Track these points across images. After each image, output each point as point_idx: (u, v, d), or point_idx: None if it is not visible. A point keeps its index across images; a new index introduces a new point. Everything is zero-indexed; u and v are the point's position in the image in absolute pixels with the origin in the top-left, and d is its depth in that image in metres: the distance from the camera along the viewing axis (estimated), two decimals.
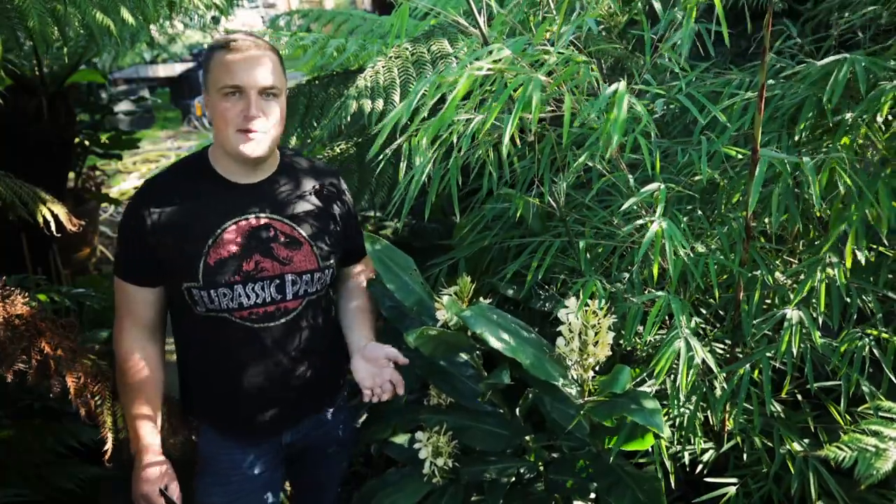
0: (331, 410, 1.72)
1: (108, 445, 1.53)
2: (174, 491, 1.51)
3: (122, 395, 1.52)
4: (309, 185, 1.59)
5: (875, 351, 1.35)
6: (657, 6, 1.29)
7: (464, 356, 1.61)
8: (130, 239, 1.48)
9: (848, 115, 1.35)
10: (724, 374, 1.43)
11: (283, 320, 1.53)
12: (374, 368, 1.52)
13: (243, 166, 1.50)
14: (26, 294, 1.55)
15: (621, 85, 1.12)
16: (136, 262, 1.49)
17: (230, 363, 1.53)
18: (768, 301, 1.55)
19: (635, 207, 1.40)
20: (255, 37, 1.46)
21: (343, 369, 1.73)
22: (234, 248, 1.47)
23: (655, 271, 1.29)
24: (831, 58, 1.32)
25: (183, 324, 1.56)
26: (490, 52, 1.14)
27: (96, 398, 1.56)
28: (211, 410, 1.60)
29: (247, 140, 1.42)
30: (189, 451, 1.65)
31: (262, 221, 1.50)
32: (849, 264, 1.29)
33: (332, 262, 1.58)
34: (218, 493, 1.60)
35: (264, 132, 1.44)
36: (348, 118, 1.99)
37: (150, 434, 1.50)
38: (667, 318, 1.36)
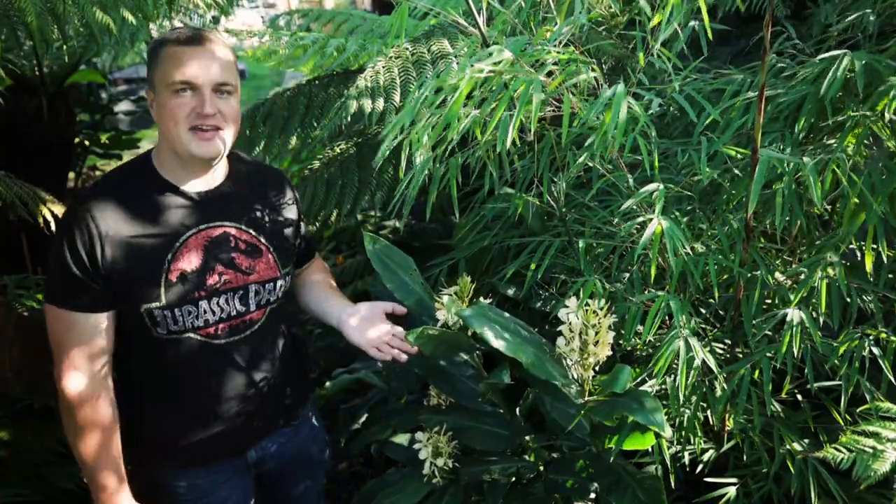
0: (297, 423, 1.63)
1: None
2: None
3: (77, 439, 1.36)
4: (261, 189, 1.51)
5: (875, 351, 1.35)
6: (646, 8, 1.28)
7: (464, 356, 1.61)
8: (75, 263, 1.30)
9: (852, 113, 1.35)
10: (725, 375, 1.43)
11: (247, 333, 1.45)
12: (372, 326, 1.49)
13: (194, 170, 1.38)
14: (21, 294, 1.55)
15: (619, 87, 1.11)
16: (83, 288, 1.31)
17: (195, 384, 1.43)
18: (768, 301, 1.55)
19: (635, 207, 1.40)
20: (207, 31, 1.36)
21: (307, 377, 1.70)
22: (195, 262, 1.37)
23: (654, 270, 1.29)
24: (831, 53, 1.32)
25: (134, 348, 1.41)
26: (490, 55, 1.14)
27: None
28: (171, 438, 1.45)
29: (200, 139, 1.32)
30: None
31: (221, 231, 1.40)
32: (869, 265, 1.29)
33: (290, 267, 1.53)
34: None
35: (220, 131, 1.34)
36: (348, 118, 1.98)
37: (117, 484, 1.38)
38: (667, 318, 1.36)
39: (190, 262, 1.36)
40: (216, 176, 1.43)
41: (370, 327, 1.50)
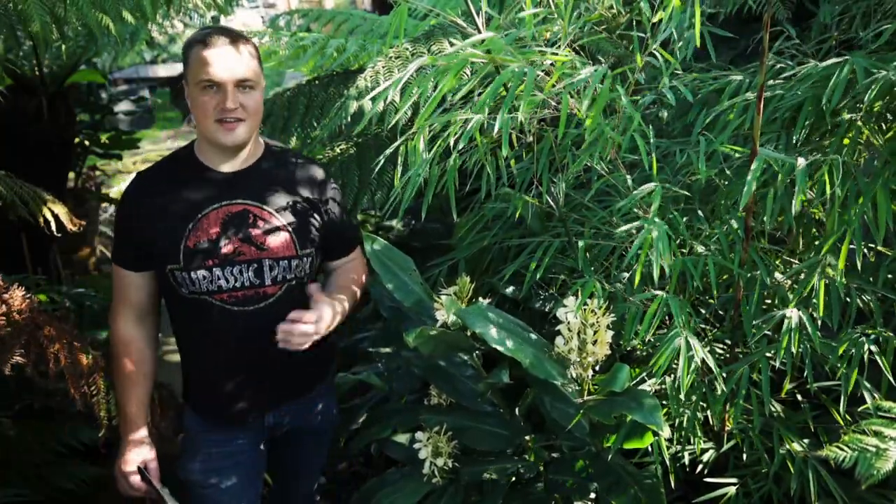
0: (313, 395, 1.74)
1: (102, 435, 1.54)
2: (153, 470, 1.57)
3: (114, 376, 1.58)
4: (291, 174, 1.62)
5: (874, 350, 1.35)
6: (645, 9, 1.28)
7: (463, 356, 1.61)
8: (122, 226, 1.56)
9: (847, 116, 1.35)
10: (724, 374, 1.43)
11: (262, 304, 1.56)
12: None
13: (224, 155, 1.55)
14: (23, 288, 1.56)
15: (601, 67, 1.12)
16: (127, 248, 1.56)
17: (211, 345, 1.58)
18: (768, 301, 1.55)
19: (634, 209, 1.40)
20: (232, 30, 1.51)
21: (326, 354, 1.75)
22: (212, 232, 1.52)
23: (639, 275, 1.29)
24: (832, 60, 1.32)
25: (172, 307, 1.61)
26: (482, 41, 1.14)
27: (93, 388, 1.59)
28: (195, 390, 1.65)
29: (225, 130, 1.49)
30: (176, 432, 1.70)
31: (241, 207, 1.54)
32: (841, 266, 1.29)
33: (311, 250, 1.61)
34: (200, 469, 1.63)
35: (242, 122, 1.49)
36: (348, 118, 1.99)
37: (136, 414, 1.57)
38: (667, 318, 1.36)
39: (207, 232, 1.52)
40: (245, 159, 1.58)
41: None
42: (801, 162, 1.21)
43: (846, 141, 1.34)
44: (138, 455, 1.57)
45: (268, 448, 1.74)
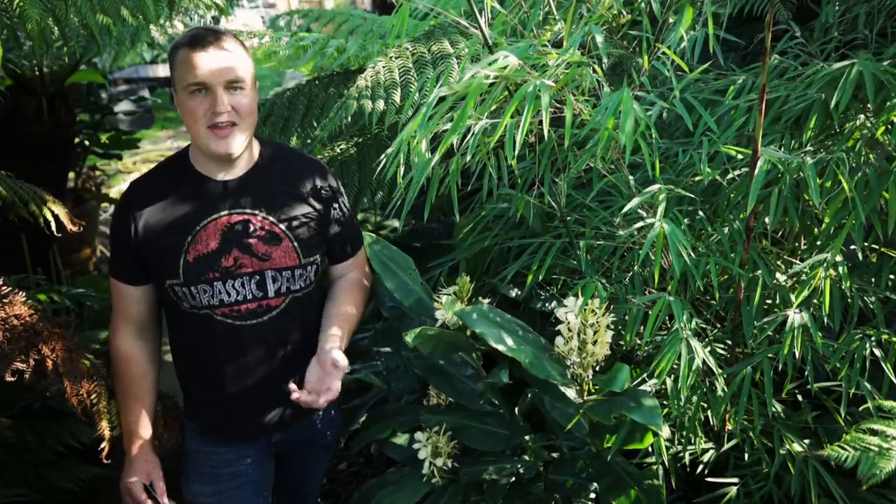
0: (319, 411, 1.68)
1: (105, 443, 1.53)
2: (159, 487, 1.54)
3: (117, 391, 1.55)
4: (292, 178, 1.55)
5: (876, 352, 1.35)
6: (655, 7, 1.28)
7: (463, 356, 1.61)
8: (118, 239, 1.50)
9: (861, 118, 1.35)
10: (725, 375, 1.43)
11: (265, 318, 1.51)
12: (322, 372, 1.48)
13: (220, 162, 1.48)
14: (24, 294, 1.55)
15: (626, 92, 1.11)
16: (124, 262, 1.50)
17: (215, 361, 1.52)
18: (769, 301, 1.55)
19: (638, 210, 1.40)
20: (218, 30, 1.44)
21: None
22: (212, 245, 1.46)
23: (657, 273, 1.29)
24: (839, 64, 1.31)
25: (172, 321, 1.56)
26: (496, 61, 1.13)
27: (92, 396, 1.57)
28: (198, 407, 1.60)
29: (219, 137, 1.41)
30: (181, 445, 1.66)
31: (240, 217, 1.48)
32: (837, 249, 1.29)
33: (315, 258, 1.55)
34: (207, 492, 1.60)
35: (235, 126, 1.42)
36: (349, 118, 1.98)
37: (139, 430, 1.53)
38: (668, 318, 1.36)
39: (207, 244, 1.47)
40: (242, 165, 1.52)
41: (315, 374, 1.49)
42: (807, 161, 1.21)
43: (851, 143, 1.34)
44: (143, 471, 1.53)
45: (274, 462, 1.70)
